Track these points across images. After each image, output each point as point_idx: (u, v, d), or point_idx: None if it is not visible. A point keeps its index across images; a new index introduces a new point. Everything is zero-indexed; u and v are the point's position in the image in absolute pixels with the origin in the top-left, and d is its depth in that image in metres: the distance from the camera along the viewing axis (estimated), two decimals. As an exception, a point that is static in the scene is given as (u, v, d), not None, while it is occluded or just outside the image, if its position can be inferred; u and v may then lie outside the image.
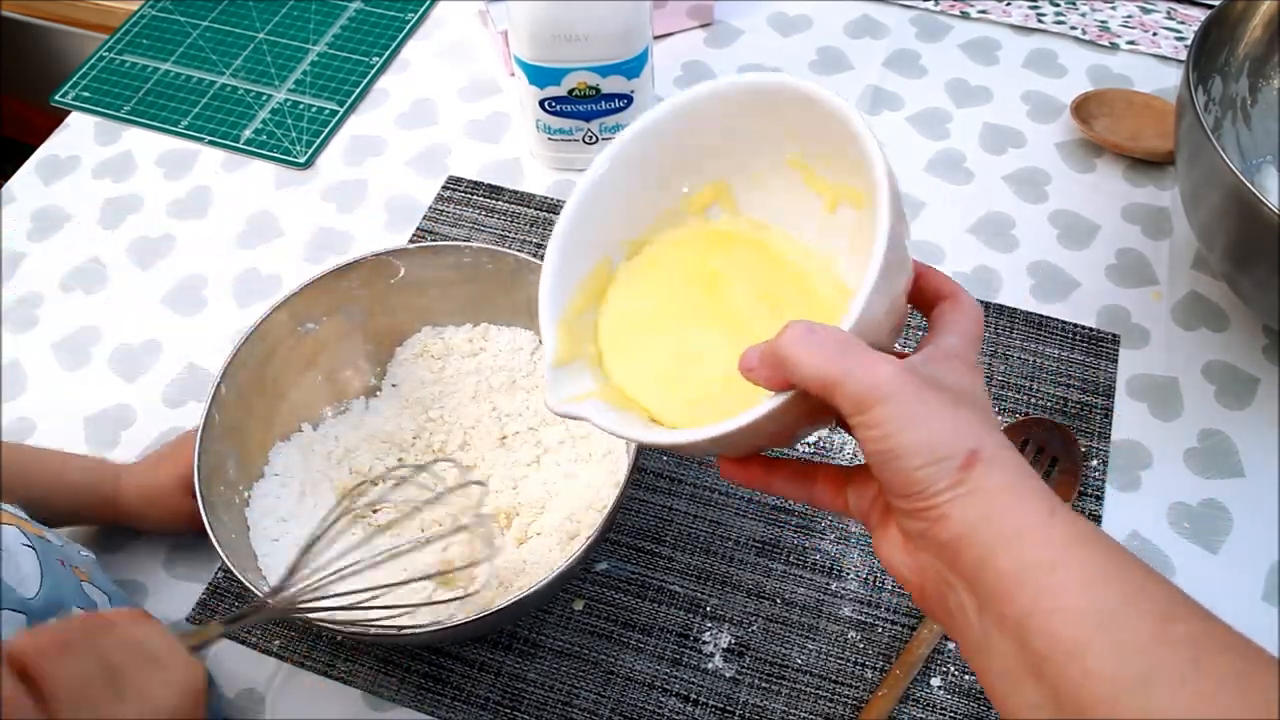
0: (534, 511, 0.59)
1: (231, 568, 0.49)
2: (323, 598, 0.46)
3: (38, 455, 0.60)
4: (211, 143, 0.84)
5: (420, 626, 0.49)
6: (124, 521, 0.61)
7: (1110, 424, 0.65)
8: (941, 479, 0.31)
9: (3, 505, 0.49)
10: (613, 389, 0.43)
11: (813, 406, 0.34)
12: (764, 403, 0.35)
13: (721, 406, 0.38)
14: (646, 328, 0.44)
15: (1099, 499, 0.62)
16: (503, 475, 0.61)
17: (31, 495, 0.53)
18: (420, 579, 0.53)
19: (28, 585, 0.45)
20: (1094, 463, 0.63)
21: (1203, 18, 0.65)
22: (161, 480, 0.59)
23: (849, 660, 0.57)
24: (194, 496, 0.52)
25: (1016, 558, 0.30)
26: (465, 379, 0.64)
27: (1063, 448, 0.62)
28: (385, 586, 0.49)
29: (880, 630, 0.58)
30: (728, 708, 0.55)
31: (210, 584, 0.61)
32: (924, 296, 0.40)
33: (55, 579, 0.46)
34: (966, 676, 0.56)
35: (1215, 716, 0.26)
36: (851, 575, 0.59)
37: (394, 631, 0.50)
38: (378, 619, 0.49)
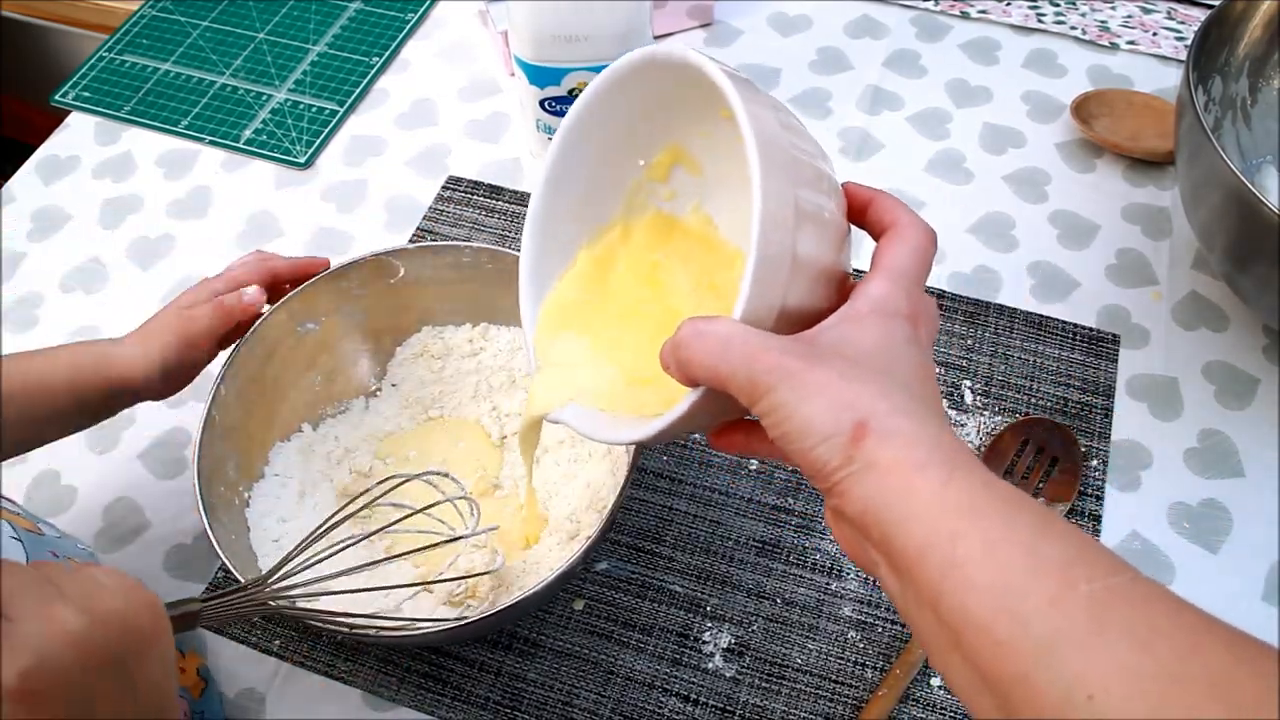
0: (534, 511, 0.59)
1: (231, 569, 0.49)
2: (311, 595, 0.46)
3: (18, 363, 0.54)
4: (211, 143, 0.84)
5: (421, 628, 0.49)
6: (130, 399, 0.56)
7: (1110, 424, 0.65)
8: (833, 458, 0.31)
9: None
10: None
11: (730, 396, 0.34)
12: (680, 402, 0.35)
13: (663, 394, 0.38)
14: (588, 322, 0.45)
15: (1099, 499, 0.62)
16: (502, 475, 0.61)
17: (20, 403, 0.51)
18: (412, 585, 0.53)
19: None
20: (1094, 463, 0.63)
21: (1203, 18, 0.65)
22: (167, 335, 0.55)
23: (849, 660, 0.57)
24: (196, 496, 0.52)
25: (917, 535, 0.29)
26: (465, 379, 0.64)
27: (1063, 448, 0.62)
28: (383, 588, 0.49)
29: (880, 630, 0.58)
30: (728, 708, 0.55)
31: (210, 584, 0.61)
32: (872, 226, 0.38)
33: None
34: (966, 676, 0.56)
35: (1117, 676, 0.26)
36: (851, 575, 0.59)
37: (394, 633, 0.50)
38: (363, 622, 0.48)
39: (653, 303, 0.45)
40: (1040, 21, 0.89)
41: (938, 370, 0.67)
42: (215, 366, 0.57)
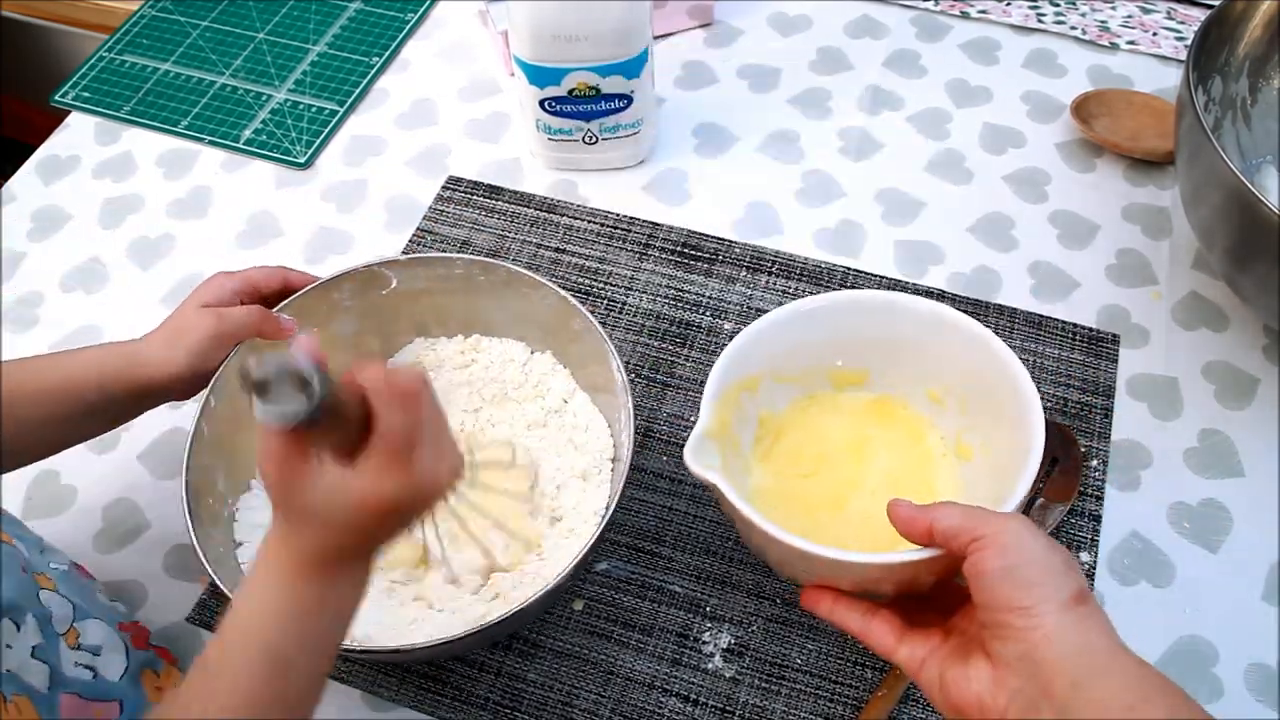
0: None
1: (219, 583, 0.49)
2: None
3: (46, 362, 0.54)
4: (211, 143, 0.84)
5: (416, 644, 0.49)
6: (158, 398, 0.56)
7: (1110, 424, 0.65)
8: (1054, 599, 0.37)
9: None
10: (740, 483, 0.52)
11: (940, 568, 0.42)
12: (911, 552, 0.42)
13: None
14: (802, 469, 0.55)
15: (1099, 499, 0.61)
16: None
17: (48, 403, 0.51)
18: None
19: None
20: (1094, 463, 0.63)
21: (1203, 18, 0.65)
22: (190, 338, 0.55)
23: (849, 660, 0.57)
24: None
25: (1111, 692, 0.35)
26: (457, 390, 0.64)
27: (1063, 448, 0.62)
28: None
29: (880, 630, 0.58)
30: (728, 708, 0.55)
31: (202, 595, 0.61)
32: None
33: (13, 583, 0.46)
34: (966, 677, 0.56)
35: None
36: (851, 575, 0.59)
37: (393, 649, 0.50)
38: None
39: (850, 463, 0.55)
40: (1040, 21, 0.89)
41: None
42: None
